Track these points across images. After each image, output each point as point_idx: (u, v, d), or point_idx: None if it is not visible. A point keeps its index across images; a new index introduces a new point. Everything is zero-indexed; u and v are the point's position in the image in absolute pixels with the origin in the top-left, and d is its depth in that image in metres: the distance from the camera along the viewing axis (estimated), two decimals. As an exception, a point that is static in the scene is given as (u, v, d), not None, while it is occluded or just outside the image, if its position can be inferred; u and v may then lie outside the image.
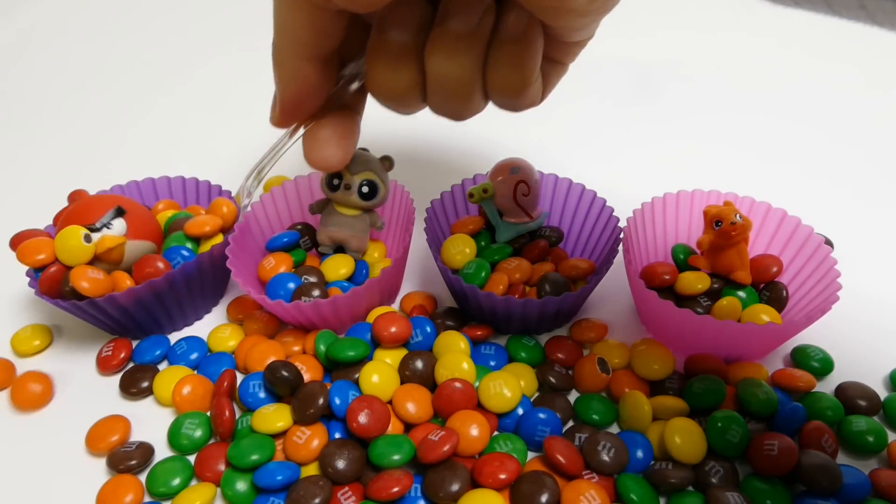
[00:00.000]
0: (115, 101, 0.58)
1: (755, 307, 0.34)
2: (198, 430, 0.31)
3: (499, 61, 0.24)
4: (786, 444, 0.28)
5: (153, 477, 0.29)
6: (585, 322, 0.36)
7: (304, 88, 0.25)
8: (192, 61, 0.63)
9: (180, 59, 0.63)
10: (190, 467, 0.29)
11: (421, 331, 0.34)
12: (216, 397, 0.31)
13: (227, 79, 0.60)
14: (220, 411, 0.30)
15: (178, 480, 0.29)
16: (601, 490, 0.27)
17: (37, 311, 0.38)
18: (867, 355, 0.34)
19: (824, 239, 0.36)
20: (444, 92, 0.24)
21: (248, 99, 0.56)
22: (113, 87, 0.59)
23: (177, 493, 0.28)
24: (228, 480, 0.28)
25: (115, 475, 0.29)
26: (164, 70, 0.62)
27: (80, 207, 0.34)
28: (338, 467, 0.28)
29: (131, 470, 0.29)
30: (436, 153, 0.48)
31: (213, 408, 0.30)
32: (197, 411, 0.31)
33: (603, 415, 0.31)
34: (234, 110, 0.55)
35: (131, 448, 0.30)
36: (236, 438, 0.30)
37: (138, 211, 0.35)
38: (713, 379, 0.31)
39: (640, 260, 0.37)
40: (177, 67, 0.62)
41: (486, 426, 0.29)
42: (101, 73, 0.61)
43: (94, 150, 0.52)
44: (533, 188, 0.38)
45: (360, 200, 0.36)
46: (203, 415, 0.31)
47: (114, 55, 0.64)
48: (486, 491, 0.27)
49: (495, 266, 0.36)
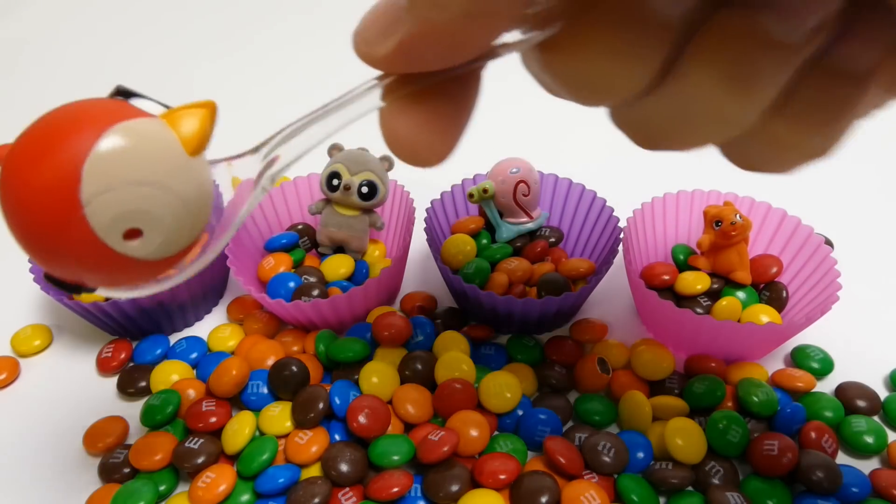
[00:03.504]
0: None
1: (755, 307, 0.34)
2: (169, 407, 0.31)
3: (808, 103, 0.15)
4: (786, 444, 0.28)
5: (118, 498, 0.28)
6: (585, 322, 0.36)
7: (462, 28, 0.14)
8: (191, 61, 0.63)
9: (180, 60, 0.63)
10: (155, 491, 0.28)
11: (421, 331, 0.34)
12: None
13: (228, 79, 0.60)
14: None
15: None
16: (601, 490, 0.27)
17: (37, 311, 0.38)
18: (867, 355, 0.34)
19: (824, 239, 0.36)
20: (703, 118, 0.16)
21: (249, 99, 0.56)
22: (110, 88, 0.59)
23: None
24: (237, 494, 0.28)
25: (106, 484, 0.29)
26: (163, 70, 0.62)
27: None
28: (341, 470, 0.28)
29: (123, 480, 0.29)
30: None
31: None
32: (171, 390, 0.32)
33: (603, 415, 0.31)
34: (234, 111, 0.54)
35: (120, 459, 0.30)
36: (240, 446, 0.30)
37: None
38: (713, 379, 0.31)
39: (640, 260, 0.37)
40: (176, 67, 0.62)
41: (486, 426, 0.29)
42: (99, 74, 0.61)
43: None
44: (533, 188, 0.38)
45: (359, 201, 0.36)
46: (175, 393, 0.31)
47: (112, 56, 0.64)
48: (486, 491, 0.27)
49: (495, 266, 0.36)
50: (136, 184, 0.15)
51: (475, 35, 0.15)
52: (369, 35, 0.16)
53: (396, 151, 0.18)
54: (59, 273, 0.16)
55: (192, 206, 0.16)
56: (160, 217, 0.15)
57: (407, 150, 0.18)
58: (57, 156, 0.14)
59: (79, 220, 0.15)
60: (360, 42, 0.16)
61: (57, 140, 0.15)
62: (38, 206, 0.14)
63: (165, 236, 0.16)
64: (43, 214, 0.15)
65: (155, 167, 0.15)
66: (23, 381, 0.35)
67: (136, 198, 0.15)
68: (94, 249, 0.15)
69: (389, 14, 0.15)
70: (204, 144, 0.16)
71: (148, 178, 0.15)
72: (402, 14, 0.15)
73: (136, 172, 0.15)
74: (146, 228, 0.15)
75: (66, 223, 0.15)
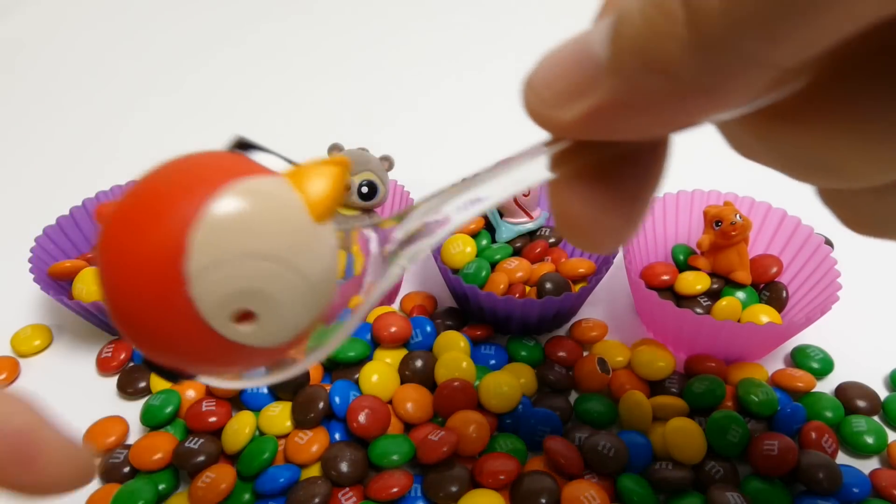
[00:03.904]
0: (113, 102, 0.57)
1: (755, 307, 0.34)
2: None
3: None
4: (786, 444, 0.28)
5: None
6: (585, 322, 0.36)
7: (685, 100, 0.11)
8: (192, 61, 0.63)
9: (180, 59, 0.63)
10: (155, 491, 0.28)
11: (421, 331, 0.34)
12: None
13: (228, 79, 0.60)
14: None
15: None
16: (601, 490, 0.27)
17: (37, 311, 0.38)
18: (867, 355, 0.34)
19: (824, 239, 0.36)
20: None
21: (250, 100, 0.56)
22: (110, 88, 0.59)
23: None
24: (237, 494, 0.28)
25: (106, 484, 0.29)
26: (162, 70, 0.62)
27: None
28: (341, 470, 0.28)
29: (123, 480, 0.29)
30: (436, 153, 0.48)
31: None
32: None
33: (603, 415, 0.31)
34: (234, 110, 0.55)
35: (120, 459, 0.30)
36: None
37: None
38: (713, 379, 0.31)
39: (640, 260, 0.37)
40: (177, 67, 0.62)
41: (486, 426, 0.29)
42: (99, 74, 0.61)
43: (94, 149, 0.52)
44: (533, 188, 0.38)
45: (359, 201, 0.36)
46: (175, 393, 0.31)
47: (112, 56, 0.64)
48: (486, 491, 0.27)
49: (495, 266, 0.36)
50: (252, 257, 0.12)
51: (701, 109, 0.11)
52: (550, 94, 0.12)
53: (569, 234, 0.15)
54: (156, 357, 0.14)
55: (316, 285, 0.13)
56: (278, 297, 0.13)
57: (583, 235, 0.14)
58: (160, 220, 0.12)
59: (181, 298, 0.12)
60: (537, 101, 0.13)
61: (162, 200, 0.12)
62: (135, 279, 0.12)
63: (282, 320, 0.13)
64: (139, 289, 0.12)
65: (276, 237, 0.12)
66: (23, 381, 0.35)
67: (252, 274, 0.12)
68: (196, 333, 0.12)
69: (581, 70, 0.12)
70: (333, 209, 0.13)
71: (267, 251, 0.12)
72: (599, 73, 0.11)
73: (252, 243, 0.12)
74: (261, 311, 0.13)
75: (166, 301, 0.12)
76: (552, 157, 0.13)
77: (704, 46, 0.10)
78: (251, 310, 0.13)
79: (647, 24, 0.10)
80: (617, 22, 0.11)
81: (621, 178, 0.14)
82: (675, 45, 0.10)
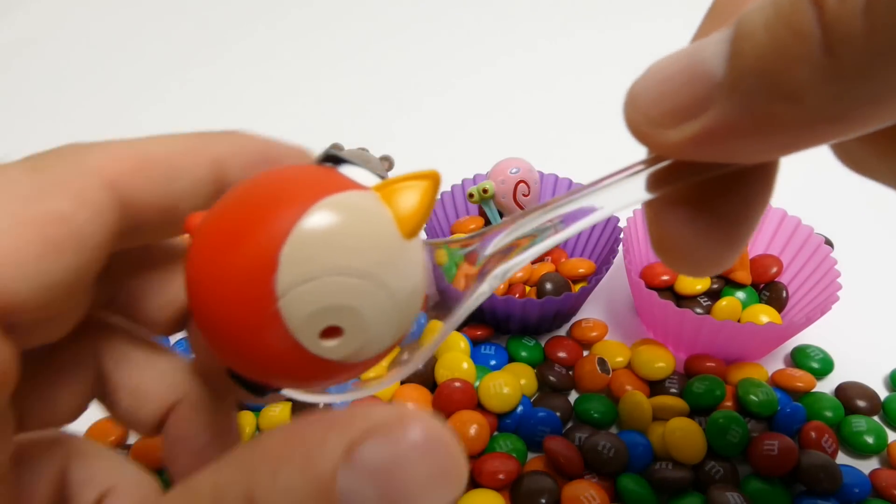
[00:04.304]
0: (113, 102, 0.57)
1: (755, 307, 0.34)
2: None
3: None
4: (786, 444, 0.28)
5: None
6: (585, 322, 0.36)
7: (807, 127, 0.10)
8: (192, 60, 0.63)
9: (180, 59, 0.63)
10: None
11: (421, 331, 0.34)
12: None
13: (228, 79, 0.60)
14: None
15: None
16: (601, 490, 0.27)
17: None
18: (867, 355, 0.34)
19: (824, 239, 0.36)
20: None
21: (250, 99, 0.56)
22: (110, 88, 0.59)
23: None
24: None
25: None
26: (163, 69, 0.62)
27: None
28: None
29: None
30: (436, 153, 0.48)
31: None
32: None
33: (603, 415, 0.31)
34: (235, 111, 0.54)
35: None
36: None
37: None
38: (713, 379, 0.31)
39: (640, 260, 0.37)
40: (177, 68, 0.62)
41: (486, 426, 0.29)
42: (100, 74, 0.61)
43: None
44: (533, 188, 0.38)
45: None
46: None
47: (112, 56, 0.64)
48: (486, 491, 0.27)
49: (495, 266, 0.36)
50: (341, 273, 0.12)
51: (828, 136, 0.10)
52: (658, 113, 0.11)
53: (668, 258, 0.14)
54: (242, 371, 0.14)
55: (403, 301, 0.13)
56: (365, 314, 0.13)
57: (683, 259, 0.13)
58: (253, 235, 0.12)
59: (271, 314, 0.12)
60: (643, 120, 0.12)
61: (254, 215, 0.12)
62: (225, 293, 0.12)
63: (369, 336, 0.13)
64: (229, 302, 0.12)
65: (365, 253, 0.12)
66: (23, 381, 0.35)
67: (341, 290, 0.12)
68: (284, 348, 0.12)
69: (693, 88, 0.11)
70: (422, 225, 0.13)
71: (356, 267, 0.12)
72: (714, 93, 0.10)
73: (342, 259, 0.12)
74: (347, 327, 0.13)
75: (256, 316, 0.12)
76: (650, 177, 0.13)
77: (843, 76, 0.09)
78: (339, 326, 0.13)
79: (774, 44, 0.09)
80: (737, 37, 0.10)
81: (725, 200, 0.13)
82: (806, 70, 0.09)
